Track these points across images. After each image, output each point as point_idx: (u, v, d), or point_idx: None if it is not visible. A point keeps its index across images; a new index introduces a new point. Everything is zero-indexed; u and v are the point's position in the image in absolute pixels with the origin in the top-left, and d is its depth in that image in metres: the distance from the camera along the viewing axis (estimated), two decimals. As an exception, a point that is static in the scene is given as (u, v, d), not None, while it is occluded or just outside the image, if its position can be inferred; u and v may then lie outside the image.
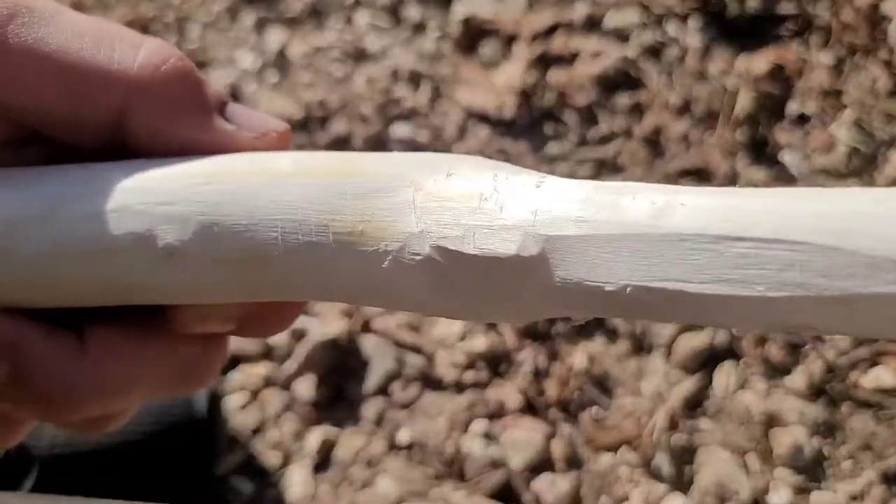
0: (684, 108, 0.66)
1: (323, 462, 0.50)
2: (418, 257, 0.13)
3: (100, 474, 0.41)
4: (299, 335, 0.54)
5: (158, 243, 0.13)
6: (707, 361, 0.55)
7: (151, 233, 0.13)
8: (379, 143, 0.62)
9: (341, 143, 0.62)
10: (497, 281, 0.13)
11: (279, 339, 0.53)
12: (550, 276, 0.12)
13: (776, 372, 0.55)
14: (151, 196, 0.14)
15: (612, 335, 0.56)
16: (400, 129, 0.64)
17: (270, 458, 0.50)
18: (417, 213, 0.13)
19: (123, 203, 0.14)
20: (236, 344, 0.53)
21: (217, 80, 0.66)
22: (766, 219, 0.12)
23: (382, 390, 0.53)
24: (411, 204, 0.13)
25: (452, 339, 0.55)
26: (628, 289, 0.12)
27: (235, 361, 0.53)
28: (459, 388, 0.53)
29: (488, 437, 0.52)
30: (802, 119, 0.67)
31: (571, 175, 0.62)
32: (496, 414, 0.52)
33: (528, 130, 0.65)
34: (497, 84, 0.67)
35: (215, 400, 0.45)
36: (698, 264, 0.12)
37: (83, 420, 0.16)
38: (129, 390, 0.15)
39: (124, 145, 0.15)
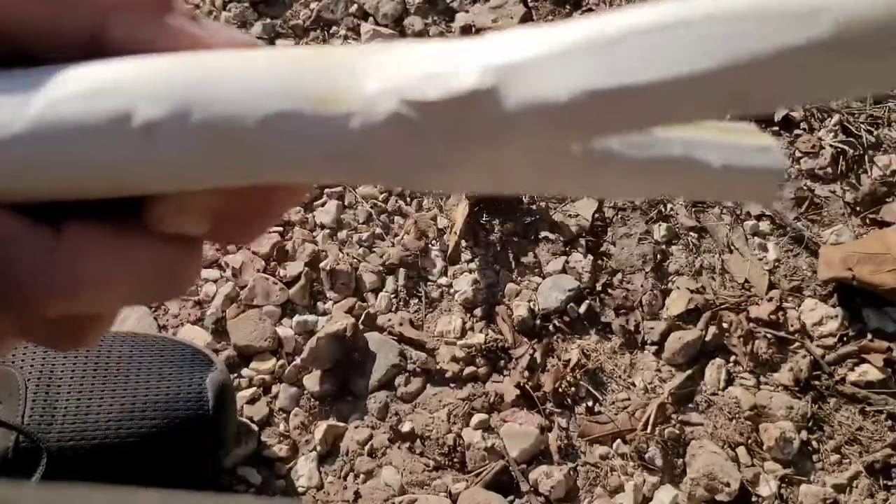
0: (677, 113, 0.66)
1: (329, 454, 0.50)
2: (385, 113, 0.13)
3: (107, 468, 0.41)
4: (307, 332, 0.54)
5: (136, 120, 0.13)
6: (697, 357, 0.55)
7: (129, 110, 0.14)
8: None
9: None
10: (459, 120, 0.13)
11: (287, 335, 0.53)
12: (508, 101, 0.13)
13: (765, 368, 0.55)
14: (129, 77, 0.14)
15: (606, 331, 0.55)
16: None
17: (278, 450, 0.50)
18: (381, 75, 0.13)
19: (101, 86, 0.14)
20: (245, 340, 0.52)
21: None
22: (701, 4, 0.12)
23: (386, 384, 0.52)
24: (375, 70, 0.13)
25: (453, 335, 0.54)
26: (582, 96, 0.12)
27: (244, 357, 0.53)
28: (460, 382, 0.53)
29: (487, 429, 0.51)
30: (790, 123, 0.66)
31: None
32: (495, 407, 0.52)
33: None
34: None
35: (222, 394, 0.45)
36: (647, 57, 0.12)
37: (59, 322, 0.15)
38: (104, 286, 0.14)
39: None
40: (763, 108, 0.13)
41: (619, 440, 0.51)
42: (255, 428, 0.50)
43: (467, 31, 0.68)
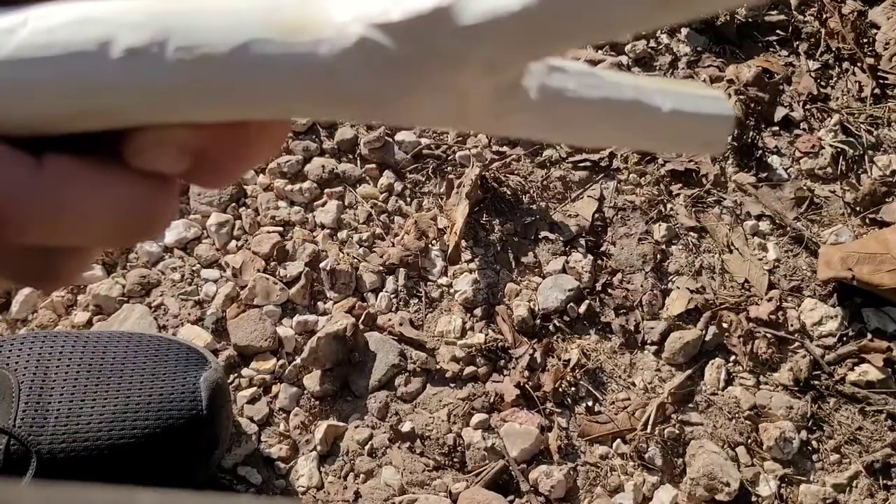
0: (676, 113, 0.65)
1: (329, 453, 0.50)
2: (352, 38, 0.14)
3: (99, 470, 0.40)
4: (307, 332, 0.53)
5: (118, 46, 0.14)
6: (697, 357, 0.54)
7: (112, 37, 0.14)
8: (384, 148, 0.61)
9: (347, 148, 0.61)
10: (421, 39, 0.13)
11: (287, 334, 0.53)
12: (469, 16, 0.13)
13: (764, 367, 0.54)
14: (113, 9, 0.15)
15: (606, 331, 0.55)
16: (403, 134, 0.63)
17: (278, 450, 0.49)
18: (350, 5, 0.14)
19: (85, 16, 0.14)
20: (245, 340, 0.52)
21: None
22: None
23: (386, 384, 0.52)
24: (344, 1, 0.14)
25: (453, 335, 0.54)
26: (532, 4, 0.13)
27: (244, 357, 0.52)
28: (460, 382, 0.52)
29: (487, 429, 0.51)
30: (790, 123, 0.66)
31: (566, 179, 0.61)
32: (495, 407, 0.52)
33: (526, 134, 0.64)
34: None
35: (215, 393, 0.44)
36: None
37: (35, 254, 0.15)
38: (84, 214, 0.15)
39: None
40: (707, 7, 0.13)
41: (618, 440, 0.51)
42: (255, 428, 0.50)
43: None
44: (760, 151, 0.64)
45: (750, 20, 0.70)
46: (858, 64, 0.68)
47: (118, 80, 0.14)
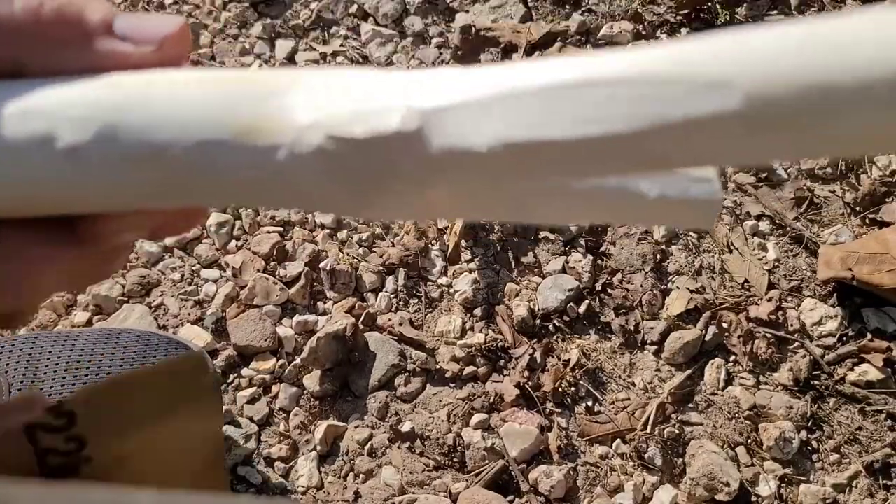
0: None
1: (329, 453, 0.50)
2: (311, 147, 0.13)
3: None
4: (307, 332, 0.53)
5: (59, 143, 0.13)
6: (697, 357, 0.54)
7: (52, 133, 0.13)
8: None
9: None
10: (384, 159, 0.13)
11: (287, 334, 0.53)
12: (431, 145, 0.13)
13: (764, 367, 0.54)
14: (52, 101, 0.14)
15: (606, 331, 0.55)
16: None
17: (278, 450, 0.49)
18: (309, 108, 0.13)
19: (24, 108, 0.14)
20: (245, 340, 0.52)
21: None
22: (614, 65, 0.12)
23: (386, 384, 0.52)
24: (302, 101, 0.13)
25: (453, 335, 0.54)
26: (499, 146, 0.12)
27: (244, 357, 0.52)
28: (460, 381, 0.52)
29: (487, 429, 0.51)
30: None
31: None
32: (495, 407, 0.51)
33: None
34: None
35: None
36: (561, 113, 0.12)
37: None
38: (34, 289, 0.15)
39: None
40: (689, 165, 0.13)
41: (618, 440, 0.51)
42: (255, 428, 0.50)
43: (467, 31, 0.67)
44: (760, 151, 0.64)
45: (750, 20, 0.70)
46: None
47: (61, 178, 0.14)
